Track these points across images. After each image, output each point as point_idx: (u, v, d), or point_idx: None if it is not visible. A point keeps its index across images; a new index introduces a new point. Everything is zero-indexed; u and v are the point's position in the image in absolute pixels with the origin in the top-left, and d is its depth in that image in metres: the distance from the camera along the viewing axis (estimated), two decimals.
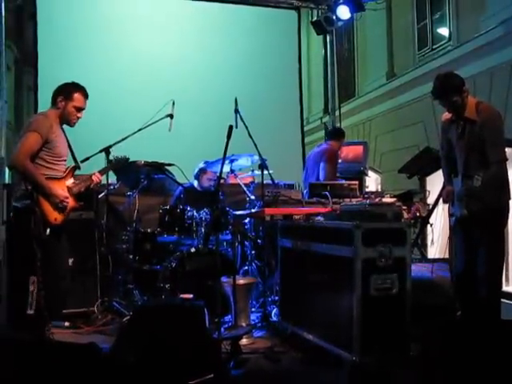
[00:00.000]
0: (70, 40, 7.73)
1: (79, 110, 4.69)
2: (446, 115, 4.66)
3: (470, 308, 4.52)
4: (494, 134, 4.32)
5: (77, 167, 4.85)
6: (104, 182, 5.34)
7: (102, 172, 5.04)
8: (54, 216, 4.52)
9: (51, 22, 7.71)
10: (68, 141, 4.80)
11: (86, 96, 4.74)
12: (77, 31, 7.79)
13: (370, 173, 8.42)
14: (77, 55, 7.69)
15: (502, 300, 4.68)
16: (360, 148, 8.27)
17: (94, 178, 4.87)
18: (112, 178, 5.76)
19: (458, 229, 4.63)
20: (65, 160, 4.73)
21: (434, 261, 5.43)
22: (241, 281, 4.94)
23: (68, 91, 4.67)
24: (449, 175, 4.73)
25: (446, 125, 4.70)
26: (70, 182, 4.71)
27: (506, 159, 4.40)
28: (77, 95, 4.67)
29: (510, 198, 4.45)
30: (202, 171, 6.41)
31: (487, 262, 4.35)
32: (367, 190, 7.20)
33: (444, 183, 4.98)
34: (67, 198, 4.58)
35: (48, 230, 4.46)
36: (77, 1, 7.93)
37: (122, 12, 8.12)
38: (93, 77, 7.06)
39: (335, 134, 7.19)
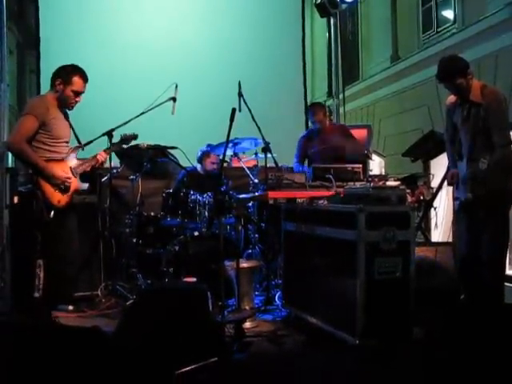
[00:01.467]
0: (72, 22, 7.68)
1: (78, 94, 4.65)
2: (451, 98, 4.64)
3: (473, 291, 4.52)
4: (498, 118, 4.31)
5: (79, 147, 4.83)
6: (107, 165, 5.35)
7: (107, 150, 5.02)
8: (57, 198, 4.50)
9: (53, 5, 7.65)
10: (70, 123, 4.77)
11: (85, 80, 4.67)
12: (79, 13, 7.73)
13: (374, 156, 8.42)
14: (79, 37, 7.64)
15: (506, 284, 4.68)
16: (364, 131, 8.26)
17: (98, 156, 4.86)
18: (115, 161, 5.74)
19: (462, 212, 4.62)
20: (66, 142, 4.71)
21: (438, 244, 5.43)
22: (244, 264, 4.93)
23: (67, 75, 4.61)
24: (453, 158, 4.72)
25: (450, 108, 4.68)
26: (73, 162, 4.69)
27: (511, 142, 4.39)
28: (76, 79, 4.61)
29: None
30: (205, 155, 6.39)
31: (491, 245, 4.35)
32: (371, 173, 7.16)
33: (448, 166, 4.97)
34: (69, 178, 4.55)
35: (52, 213, 4.46)
36: None
37: None
38: (95, 59, 7.03)
39: None
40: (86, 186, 4.92)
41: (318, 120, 6.52)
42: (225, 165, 5.70)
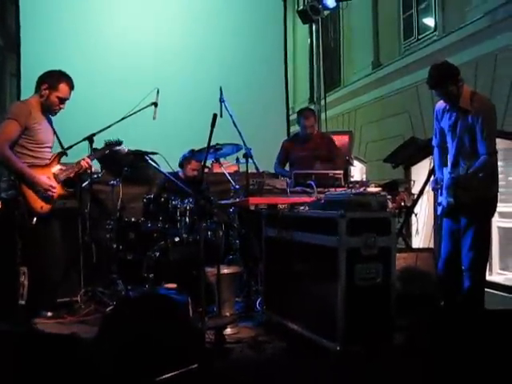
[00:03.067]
0: (54, 26, 7.63)
1: (63, 100, 4.61)
2: (440, 103, 4.64)
3: (454, 297, 4.54)
4: (486, 126, 4.31)
5: (63, 153, 4.78)
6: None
7: (91, 156, 4.97)
8: (40, 204, 4.45)
9: (34, 8, 7.60)
10: (53, 128, 4.73)
11: (71, 87, 4.65)
12: (60, 17, 7.69)
13: (355, 162, 8.44)
14: (60, 41, 7.60)
15: (486, 289, 4.70)
16: (345, 137, 8.29)
17: (82, 162, 4.79)
18: (96, 166, 5.71)
19: (444, 217, 4.64)
20: (49, 147, 4.67)
21: (419, 250, 5.46)
22: (225, 270, 4.91)
23: (53, 80, 4.57)
24: (440, 164, 4.72)
25: (439, 113, 4.68)
26: (56, 168, 4.64)
27: (497, 151, 4.40)
28: (62, 85, 4.58)
29: (497, 190, 4.47)
30: (186, 160, 6.37)
31: (472, 251, 4.37)
32: (352, 179, 7.19)
33: (429, 172, 5.00)
34: (53, 186, 4.51)
35: (34, 219, 4.41)
36: None
37: None
38: (76, 63, 6.97)
39: None
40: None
41: (310, 125, 6.49)
42: (206, 170, 5.68)
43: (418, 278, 4.97)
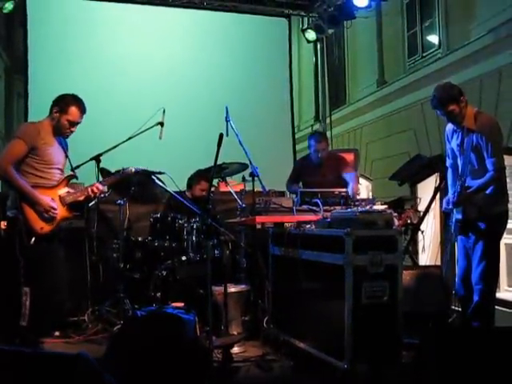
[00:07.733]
0: (61, 47, 7.73)
1: (73, 124, 4.63)
2: (450, 125, 4.71)
3: (466, 313, 4.54)
4: (491, 143, 4.35)
5: (72, 176, 4.79)
6: None
7: (103, 182, 4.95)
8: (40, 225, 4.43)
9: (42, 30, 7.71)
10: (66, 152, 4.75)
11: (82, 111, 4.66)
12: (67, 39, 7.79)
13: (361, 180, 8.44)
14: (67, 63, 7.69)
15: (496, 307, 4.68)
16: (351, 155, 8.30)
17: (92, 188, 4.72)
18: None
19: (455, 234, 4.64)
20: (59, 169, 4.67)
21: (426, 268, 5.45)
22: (232, 289, 4.92)
23: (64, 104, 4.60)
24: (453, 184, 4.72)
25: (449, 134, 4.74)
26: (63, 191, 4.63)
27: (504, 167, 4.43)
28: (72, 109, 4.60)
29: (507, 207, 4.47)
30: (195, 180, 6.36)
31: (481, 265, 4.37)
32: (358, 197, 7.18)
33: (435, 189, 5.00)
34: (54, 208, 4.48)
35: (33, 239, 4.39)
36: (68, 8, 7.94)
37: (114, 20, 8.14)
38: (83, 84, 7.04)
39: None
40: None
41: (321, 149, 6.35)
42: (212, 189, 5.69)
43: (424, 296, 4.95)
